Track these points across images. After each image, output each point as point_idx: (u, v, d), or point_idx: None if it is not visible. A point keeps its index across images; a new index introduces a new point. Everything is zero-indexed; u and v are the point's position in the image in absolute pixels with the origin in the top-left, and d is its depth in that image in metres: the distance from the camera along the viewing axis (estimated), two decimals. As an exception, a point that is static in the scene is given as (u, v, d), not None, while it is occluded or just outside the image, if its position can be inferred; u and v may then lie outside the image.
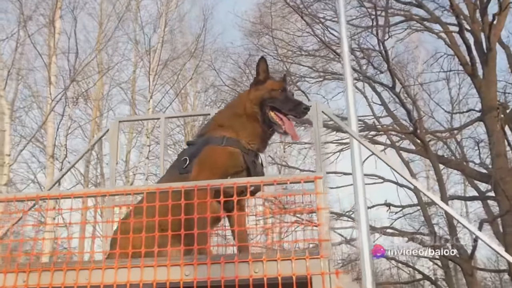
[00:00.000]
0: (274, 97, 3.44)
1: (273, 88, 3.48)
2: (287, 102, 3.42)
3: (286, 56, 17.79)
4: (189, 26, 20.52)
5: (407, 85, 16.76)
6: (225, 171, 3.21)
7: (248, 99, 3.48)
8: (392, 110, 16.62)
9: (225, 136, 3.33)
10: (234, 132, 3.37)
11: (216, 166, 3.24)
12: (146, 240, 2.81)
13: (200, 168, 3.26)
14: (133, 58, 17.29)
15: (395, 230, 16.48)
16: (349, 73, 7.69)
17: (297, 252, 2.58)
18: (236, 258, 2.59)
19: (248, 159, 3.30)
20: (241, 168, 3.28)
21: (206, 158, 3.29)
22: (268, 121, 3.39)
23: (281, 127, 3.38)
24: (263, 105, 3.42)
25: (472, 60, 14.23)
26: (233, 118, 3.46)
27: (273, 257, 2.57)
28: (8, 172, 11.25)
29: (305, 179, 2.74)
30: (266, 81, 3.52)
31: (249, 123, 3.41)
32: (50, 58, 13.83)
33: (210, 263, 2.59)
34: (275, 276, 2.53)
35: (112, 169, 4.60)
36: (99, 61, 16.72)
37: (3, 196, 3.37)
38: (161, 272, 2.61)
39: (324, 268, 2.53)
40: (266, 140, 3.52)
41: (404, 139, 16.65)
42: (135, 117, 11.27)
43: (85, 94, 14.45)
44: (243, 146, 3.33)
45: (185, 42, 19.04)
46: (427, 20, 15.72)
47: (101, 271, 2.66)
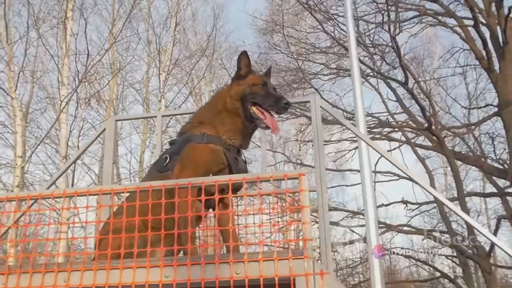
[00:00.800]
0: (255, 92, 3.37)
1: (254, 83, 3.41)
2: (268, 97, 3.35)
3: (299, 53, 17.66)
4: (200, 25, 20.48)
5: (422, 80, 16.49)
6: (207, 169, 3.14)
7: (228, 94, 3.41)
8: (408, 106, 16.41)
9: (205, 133, 3.27)
10: (215, 128, 3.31)
11: (197, 164, 3.17)
12: (127, 240, 2.73)
13: (181, 167, 3.20)
14: (146, 58, 17.29)
15: (411, 228, 16.26)
16: (357, 69, 7.57)
17: (280, 253, 2.48)
18: (216, 258, 2.50)
19: (229, 155, 3.23)
20: (223, 166, 3.21)
21: (188, 156, 3.23)
22: (250, 116, 3.32)
23: (263, 122, 3.31)
24: (244, 100, 3.35)
25: (488, 54, 13.93)
26: (213, 115, 3.40)
27: (254, 257, 2.48)
28: (20, 174, 11.31)
29: (289, 176, 2.63)
30: (248, 75, 3.45)
31: (230, 119, 3.34)
32: (63, 60, 13.89)
33: (190, 264, 2.50)
34: (257, 277, 2.44)
35: (107, 167, 4.54)
36: (111, 61, 16.78)
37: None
38: (140, 273, 2.53)
39: (308, 268, 2.43)
40: (248, 136, 3.45)
41: (419, 135, 16.40)
42: (132, 116, 11.21)
43: (97, 95, 14.46)
44: (224, 142, 3.27)
45: (197, 41, 19.04)
46: (441, 14, 15.43)
47: (79, 273, 2.59)
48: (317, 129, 4.48)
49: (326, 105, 4.71)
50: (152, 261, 2.56)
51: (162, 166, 3.31)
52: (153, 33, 16.15)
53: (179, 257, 2.56)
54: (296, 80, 17.29)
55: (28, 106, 16.16)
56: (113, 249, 2.71)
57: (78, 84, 12.18)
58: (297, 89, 17.69)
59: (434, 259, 21.81)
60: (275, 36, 17.96)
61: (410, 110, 16.24)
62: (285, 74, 17.02)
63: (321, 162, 4.39)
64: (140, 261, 2.56)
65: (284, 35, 16.05)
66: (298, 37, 17.12)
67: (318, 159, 4.41)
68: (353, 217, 17.85)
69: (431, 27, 16.05)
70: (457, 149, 17.56)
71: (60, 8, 14.62)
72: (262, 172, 3.92)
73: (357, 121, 7.23)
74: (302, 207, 2.54)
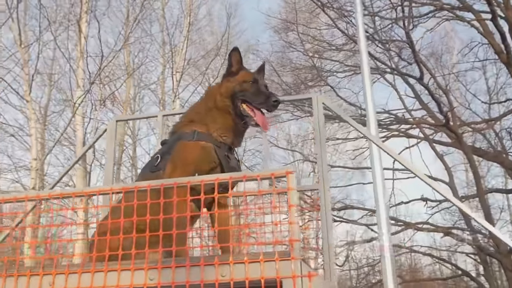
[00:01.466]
0: (245, 89, 3.29)
1: (245, 79, 3.33)
2: (258, 94, 3.26)
3: (315, 51, 17.54)
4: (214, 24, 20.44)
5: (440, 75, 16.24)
6: (198, 167, 3.06)
7: (218, 92, 3.34)
8: (426, 102, 16.16)
9: (196, 130, 3.20)
10: (205, 125, 3.23)
11: (188, 162, 3.09)
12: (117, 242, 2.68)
13: (173, 166, 3.13)
14: (161, 58, 17.31)
15: (431, 225, 16.01)
16: (366, 65, 7.45)
17: (266, 254, 2.40)
18: (201, 261, 2.43)
19: (220, 153, 3.15)
20: (214, 164, 3.13)
21: (178, 155, 3.16)
22: (240, 113, 3.24)
23: (253, 119, 3.23)
24: (234, 98, 3.27)
25: (507, 48, 13.66)
26: (204, 112, 3.33)
27: (240, 259, 2.40)
28: (35, 176, 11.39)
29: (276, 174, 2.54)
30: (239, 72, 3.38)
31: (221, 116, 3.27)
32: (77, 62, 13.98)
33: (175, 266, 2.44)
34: (242, 280, 2.36)
35: (108, 168, 4.50)
36: (126, 63, 16.86)
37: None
38: (125, 276, 2.48)
39: (296, 270, 2.34)
40: (240, 134, 3.37)
41: (437, 131, 16.15)
42: (133, 116, 11.21)
43: (111, 97, 14.53)
44: (214, 139, 3.19)
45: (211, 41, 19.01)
46: (459, 8, 15.16)
47: (64, 276, 2.54)
48: (319, 127, 4.39)
49: (329, 103, 4.60)
50: (136, 263, 2.50)
51: (154, 166, 3.26)
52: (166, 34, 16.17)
53: (164, 259, 2.49)
54: (312, 78, 17.19)
55: (46, 109, 16.33)
56: (103, 251, 2.68)
57: (90, 86, 12.21)
58: (313, 87, 17.59)
59: (456, 256, 21.53)
60: (290, 34, 17.86)
61: (429, 106, 16.00)
62: (299, 72, 16.92)
63: (323, 160, 4.30)
64: (124, 264, 2.50)
65: (298, 33, 15.94)
66: (313, 35, 16.98)
67: (320, 157, 4.32)
68: (372, 215, 17.68)
69: (448, 21, 15.74)
70: (478, 145, 17.26)
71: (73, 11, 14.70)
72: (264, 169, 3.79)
73: (368, 119, 7.11)
74: (289, 206, 2.45)
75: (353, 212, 18.36)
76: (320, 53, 16.90)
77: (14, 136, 14.20)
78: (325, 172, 4.27)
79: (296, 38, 17.13)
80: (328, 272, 3.99)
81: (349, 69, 16.58)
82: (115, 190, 2.70)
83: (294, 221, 2.44)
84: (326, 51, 16.73)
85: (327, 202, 4.17)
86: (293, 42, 17.51)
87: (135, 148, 18.92)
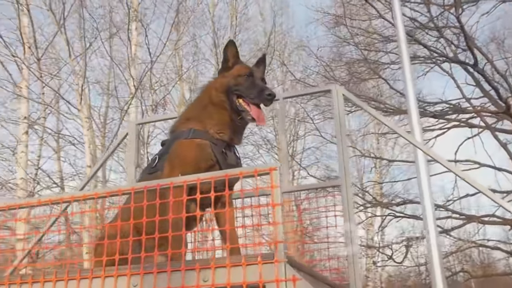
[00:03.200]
0: (239, 83, 3.17)
1: (240, 73, 3.21)
2: (251, 88, 3.14)
3: (368, 43, 17.11)
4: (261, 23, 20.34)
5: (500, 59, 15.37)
6: (196, 166, 2.94)
7: (214, 87, 3.24)
8: (488, 90, 15.34)
9: (192, 128, 3.11)
10: (201, 123, 3.14)
11: (185, 161, 3.00)
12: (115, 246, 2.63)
13: (171, 165, 3.06)
14: (212, 59, 17.41)
15: (497, 218, 15.18)
16: (406, 53, 7.12)
17: (249, 257, 2.27)
18: (182, 266, 2.32)
19: (217, 150, 3.04)
20: (211, 161, 3.02)
21: (175, 153, 3.09)
22: (236, 108, 3.13)
23: (248, 113, 3.10)
24: (229, 93, 3.16)
25: None
26: (200, 109, 3.23)
27: (221, 263, 2.28)
28: (91, 183, 11.68)
29: (259, 171, 2.40)
30: (234, 66, 3.26)
31: (217, 112, 3.16)
32: (128, 69, 14.28)
33: (156, 271, 2.35)
34: (223, 285, 2.24)
35: (130, 172, 4.49)
36: (178, 67, 17.07)
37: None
38: (109, 283, 2.41)
39: (280, 274, 2.19)
40: (239, 130, 3.25)
41: (500, 119, 15.30)
42: (153, 118, 11.17)
43: (163, 101, 14.72)
44: (211, 136, 3.08)
45: (259, 40, 18.96)
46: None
47: (51, 284, 2.51)
48: (339, 119, 4.18)
49: (349, 94, 4.37)
50: (120, 269, 2.43)
51: (152, 167, 3.20)
52: (215, 35, 16.26)
53: (146, 265, 2.41)
54: (364, 72, 16.75)
55: (106, 116, 16.79)
56: (105, 255, 2.65)
57: (136, 91, 12.41)
58: (366, 80, 17.17)
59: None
60: (341, 28, 17.48)
61: (491, 94, 15.19)
62: (351, 66, 16.54)
63: (344, 154, 4.08)
64: (108, 270, 2.44)
65: (347, 26, 15.58)
66: (365, 27, 16.56)
67: (341, 151, 4.11)
68: (436, 209, 16.98)
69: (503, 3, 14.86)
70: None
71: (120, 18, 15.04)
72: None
73: (409, 111, 6.78)
74: (273, 205, 2.30)
75: (417, 207, 17.76)
76: (371, 46, 16.43)
77: (74, 144, 14.71)
78: (346, 167, 4.06)
79: (347, 32, 16.75)
80: (352, 279, 3.77)
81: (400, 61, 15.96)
82: (100, 194, 2.64)
83: (278, 222, 2.29)
84: (378, 43, 16.23)
85: (349, 200, 3.94)
86: (344, 36, 17.13)
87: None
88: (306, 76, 18.17)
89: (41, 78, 12.41)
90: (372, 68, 15.61)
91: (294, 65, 20.16)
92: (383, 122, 4.18)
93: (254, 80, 3.18)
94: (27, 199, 2.61)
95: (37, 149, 12.78)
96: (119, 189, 2.72)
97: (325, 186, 4.62)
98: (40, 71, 12.47)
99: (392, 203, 16.73)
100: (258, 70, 3.32)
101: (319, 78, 17.33)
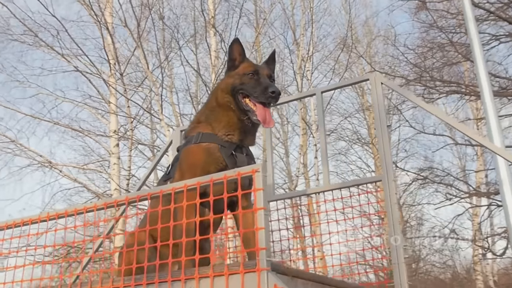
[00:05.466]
0: (244, 82, 3.06)
1: (245, 72, 3.10)
2: (256, 86, 3.02)
3: (457, 25, 16.11)
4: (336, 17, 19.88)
5: None
6: (204, 170, 2.85)
7: (219, 88, 3.16)
8: None
9: (200, 132, 3.05)
10: (210, 126, 3.07)
11: (194, 165, 2.94)
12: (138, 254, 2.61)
13: (180, 171, 3.03)
14: (291, 57, 17.30)
15: None
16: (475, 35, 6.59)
17: (231, 266, 2.14)
18: (168, 276, 2.24)
19: (225, 152, 2.95)
20: (221, 165, 2.93)
21: (184, 160, 3.05)
22: (243, 109, 3.01)
23: (254, 113, 2.98)
24: (235, 93, 3.06)
25: None
26: (209, 112, 3.16)
27: (205, 273, 2.17)
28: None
29: (242, 173, 2.26)
30: (240, 65, 3.15)
31: (224, 114, 3.07)
32: (211, 75, 14.53)
33: (146, 283, 2.28)
34: (207, 295, 2.13)
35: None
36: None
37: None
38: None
39: (262, 284, 2.04)
40: (250, 131, 3.13)
41: None
42: None
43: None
44: (219, 139, 3.00)
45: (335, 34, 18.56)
46: None
47: None
48: (378, 110, 3.91)
49: (389, 82, 4.07)
50: (115, 281, 2.40)
51: (166, 174, 3.19)
52: (292, 33, 16.18)
53: (137, 276, 2.35)
54: (455, 56, 15.77)
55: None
56: (126, 264, 2.67)
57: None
58: (456, 63, 16.19)
59: None
60: (424, 13, 16.58)
61: None
62: (439, 51, 15.64)
63: (385, 147, 3.81)
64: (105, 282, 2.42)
65: (427, 9, 14.75)
66: (447, 8, 15.62)
67: (381, 143, 3.84)
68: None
69: None
70: None
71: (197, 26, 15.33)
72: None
73: (483, 96, 6.23)
74: (255, 209, 2.15)
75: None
76: (457, 28, 15.43)
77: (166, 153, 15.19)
78: (388, 161, 3.78)
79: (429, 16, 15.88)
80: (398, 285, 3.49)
81: (490, 40, 14.85)
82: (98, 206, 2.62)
83: (262, 226, 2.14)
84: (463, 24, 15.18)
85: (392, 195, 3.67)
86: (429, 21, 16.23)
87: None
88: (393, 66, 17.48)
89: (125, 92, 12.92)
90: (459, 52, 14.67)
91: (376, 55, 19.61)
92: (431, 113, 3.84)
93: (259, 78, 3.06)
94: (83, 204, 2.63)
95: (128, 159, 13.26)
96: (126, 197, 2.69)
97: (366, 182, 4.33)
98: (124, 86, 13.00)
99: (490, 192, 15.64)
100: (265, 67, 3.21)
101: (407, 67, 16.56)
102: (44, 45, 13.04)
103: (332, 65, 15.84)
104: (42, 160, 12.72)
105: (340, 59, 15.88)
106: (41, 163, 12.73)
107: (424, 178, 17.08)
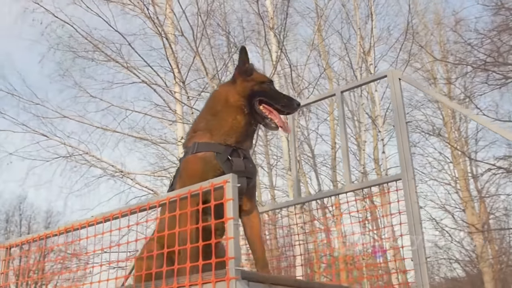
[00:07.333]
0: (265, 90, 3.19)
1: (263, 80, 3.25)
2: (279, 96, 3.21)
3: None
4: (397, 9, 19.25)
5: None
6: (203, 178, 2.83)
7: (234, 90, 3.19)
8: None
9: (196, 142, 3.11)
10: (208, 133, 3.13)
11: (193, 175, 2.98)
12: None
13: (181, 183, 3.09)
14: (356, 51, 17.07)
15: None
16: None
17: (205, 275, 2.20)
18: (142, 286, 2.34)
19: (221, 158, 3.01)
20: (219, 171, 2.97)
21: (183, 170, 3.14)
22: (255, 114, 3.13)
23: (273, 121, 3.13)
24: (252, 98, 3.14)
25: None
26: (209, 118, 3.21)
27: (182, 283, 2.24)
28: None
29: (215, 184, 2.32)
30: (253, 73, 3.26)
31: (230, 116, 3.13)
32: (280, 78, 14.69)
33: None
34: (183, 305, 2.21)
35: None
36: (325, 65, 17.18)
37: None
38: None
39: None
40: (250, 135, 3.23)
41: None
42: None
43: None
44: (215, 145, 3.06)
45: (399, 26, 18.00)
46: None
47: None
48: (397, 108, 3.81)
49: (407, 78, 3.96)
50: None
51: (170, 185, 3.30)
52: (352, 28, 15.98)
53: (127, 285, 2.47)
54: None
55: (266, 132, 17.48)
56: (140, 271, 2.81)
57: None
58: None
59: None
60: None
61: None
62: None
63: (404, 145, 3.71)
64: None
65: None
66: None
67: (400, 141, 3.75)
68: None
69: None
70: None
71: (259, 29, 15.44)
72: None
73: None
74: (226, 219, 2.20)
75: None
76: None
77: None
78: (407, 159, 3.68)
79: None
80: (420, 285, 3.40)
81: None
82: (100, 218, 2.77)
83: (231, 236, 2.19)
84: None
85: (412, 193, 3.57)
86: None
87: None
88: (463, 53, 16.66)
89: (188, 100, 13.24)
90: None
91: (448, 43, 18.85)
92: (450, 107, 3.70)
93: (274, 88, 3.27)
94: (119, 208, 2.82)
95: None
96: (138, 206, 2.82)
97: (386, 181, 4.20)
98: (187, 94, 13.32)
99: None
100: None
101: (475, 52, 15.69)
102: (109, 60, 13.63)
103: (395, 57, 15.32)
104: (114, 169, 13.30)
105: (406, 49, 15.31)
106: (113, 171, 13.32)
107: (504, 168, 16.21)
